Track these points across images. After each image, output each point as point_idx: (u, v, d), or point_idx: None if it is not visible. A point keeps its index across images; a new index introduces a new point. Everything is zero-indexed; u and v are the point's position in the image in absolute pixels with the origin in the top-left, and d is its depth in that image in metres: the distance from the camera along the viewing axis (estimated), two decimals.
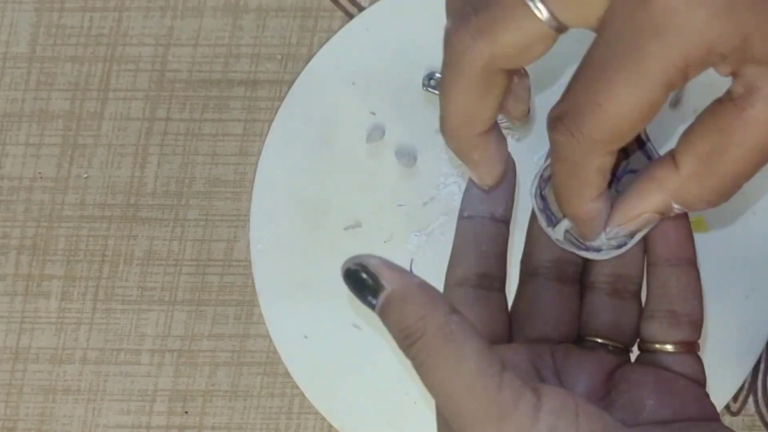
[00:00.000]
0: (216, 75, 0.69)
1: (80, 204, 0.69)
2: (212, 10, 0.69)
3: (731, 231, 0.66)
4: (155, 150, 0.69)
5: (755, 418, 0.66)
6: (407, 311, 0.45)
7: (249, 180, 0.68)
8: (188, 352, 0.68)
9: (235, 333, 0.68)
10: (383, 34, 0.67)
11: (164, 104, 0.69)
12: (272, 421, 0.68)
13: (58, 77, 0.70)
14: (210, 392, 0.68)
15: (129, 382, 0.68)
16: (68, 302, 0.69)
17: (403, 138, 0.67)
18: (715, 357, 0.65)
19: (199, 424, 0.68)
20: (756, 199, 0.66)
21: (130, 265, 0.69)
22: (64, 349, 0.68)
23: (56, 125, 0.69)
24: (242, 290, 0.68)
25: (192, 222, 0.69)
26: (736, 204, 0.66)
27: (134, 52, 0.69)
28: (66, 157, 0.69)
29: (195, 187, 0.69)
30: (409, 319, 0.45)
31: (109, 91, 0.69)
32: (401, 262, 0.66)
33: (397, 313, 0.45)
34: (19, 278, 0.69)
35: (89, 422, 0.68)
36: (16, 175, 0.69)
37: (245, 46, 0.69)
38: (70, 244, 0.69)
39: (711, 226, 0.66)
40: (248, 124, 0.69)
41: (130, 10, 0.70)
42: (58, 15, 0.70)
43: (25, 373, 0.69)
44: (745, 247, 0.66)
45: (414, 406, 0.66)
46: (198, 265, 0.69)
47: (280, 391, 0.68)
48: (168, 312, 0.68)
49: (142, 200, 0.69)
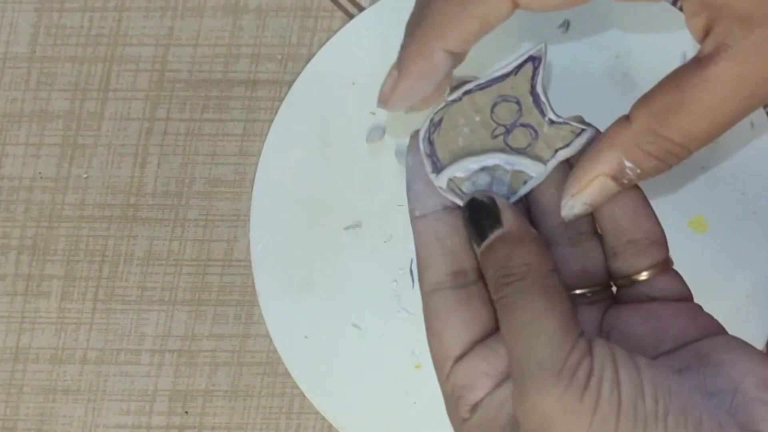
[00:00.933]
0: (216, 75, 0.69)
1: (80, 204, 0.69)
2: (212, 10, 0.69)
3: (731, 231, 0.66)
4: (155, 150, 0.69)
5: None
6: (516, 253, 0.47)
7: (249, 180, 0.68)
8: (188, 352, 0.68)
9: (235, 333, 0.68)
10: (383, 34, 0.67)
11: (164, 104, 0.69)
12: (272, 421, 0.68)
13: (58, 77, 0.69)
14: (210, 392, 0.68)
15: (129, 382, 0.68)
16: (68, 302, 0.69)
17: (403, 138, 0.67)
18: None
19: (199, 424, 0.68)
20: (756, 199, 0.66)
21: (130, 265, 0.69)
22: (64, 349, 0.68)
23: (56, 125, 0.69)
24: (242, 290, 0.68)
25: (192, 222, 0.69)
26: (736, 204, 0.66)
27: (134, 52, 0.69)
28: (66, 157, 0.69)
29: (195, 187, 0.69)
30: (515, 260, 0.46)
31: (109, 91, 0.69)
32: (401, 262, 0.67)
33: (505, 252, 0.47)
34: (19, 278, 0.69)
35: (89, 422, 0.68)
36: (16, 175, 0.69)
37: (245, 46, 0.69)
38: (70, 244, 0.69)
39: (711, 226, 0.66)
40: (248, 124, 0.69)
41: (130, 10, 0.70)
42: (58, 15, 0.70)
43: (25, 373, 0.69)
44: (745, 247, 0.66)
45: (414, 406, 0.66)
46: (198, 265, 0.69)
47: (280, 391, 0.68)
48: (168, 312, 0.68)
49: (142, 200, 0.69)
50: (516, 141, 0.51)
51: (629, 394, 0.45)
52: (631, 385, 0.45)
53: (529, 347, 0.46)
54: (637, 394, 0.45)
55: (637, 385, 0.45)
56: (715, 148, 0.66)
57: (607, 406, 0.45)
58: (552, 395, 0.45)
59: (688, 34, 0.63)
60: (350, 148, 0.67)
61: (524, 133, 0.51)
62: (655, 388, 0.46)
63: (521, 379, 0.46)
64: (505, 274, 0.47)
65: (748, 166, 0.66)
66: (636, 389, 0.45)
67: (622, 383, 0.45)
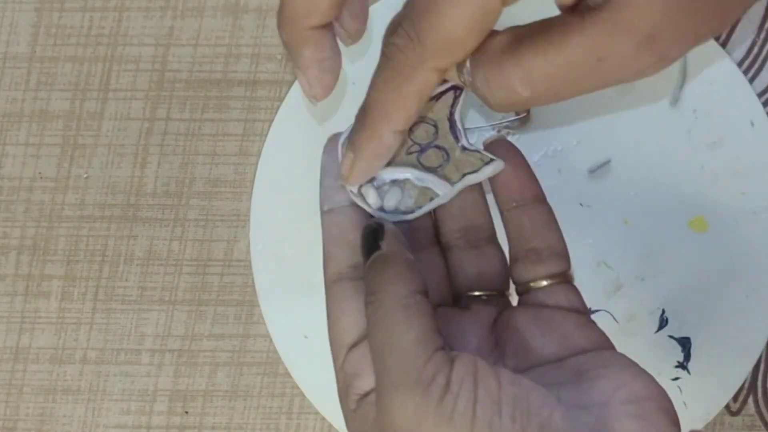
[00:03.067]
0: (216, 75, 0.69)
1: (80, 204, 0.69)
2: (212, 10, 0.69)
3: (731, 231, 0.66)
4: (155, 150, 0.69)
5: (755, 418, 0.66)
6: (384, 274, 0.49)
7: (249, 180, 0.68)
8: (188, 352, 0.68)
9: (235, 333, 0.68)
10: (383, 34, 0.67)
11: (164, 104, 0.69)
12: (272, 421, 0.68)
13: (58, 77, 0.70)
14: (210, 392, 0.68)
15: (129, 382, 0.68)
16: (68, 302, 0.69)
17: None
18: (715, 357, 0.65)
19: (199, 424, 0.68)
20: (756, 199, 0.66)
21: (130, 265, 0.69)
22: (64, 349, 0.69)
23: (56, 125, 0.69)
24: (242, 290, 0.68)
25: (192, 222, 0.69)
26: (736, 204, 0.66)
27: (134, 52, 0.69)
28: (66, 157, 0.69)
29: (195, 187, 0.69)
30: (381, 282, 0.48)
31: (109, 91, 0.69)
32: None
33: (376, 273, 0.49)
34: (19, 278, 0.69)
35: (89, 422, 0.68)
36: (16, 175, 0.69)
37: (245, 46, 0.69)
38: (70, 244, 0.69)
39: (711, 226, 0.66)
40: (248, 124, 0.69)
41: (130, 10, 0.70)
42: (58, 15, 0.70)
43: (25, 373, 0.69)
44: (745, 247, 0.66)
45: None
46: (198, 265, 0.69)
47: (280, 391, 0.68)
48: (168, 312, 0.68)
49: (142, 200, 0.69)
50: (428, 160, 0.54)
51: (485, 411, 0.46)
52: (488, 402, 0.46)
53: (386, 360, 0.47)
54: (494, 410, 0.46)
55: (495, 402, 0.46)
56: (715, 147, 0.66)
57: (460, 421, 0.46)
58: (407, 406, 0.46)
59: None
60: None
61: (437, 155, 0.54)
62: (514, 407, 0.46)
63: (380, 391, 0.47)
64: (371, 292, 0.49)
65: (748, 166, 0.66)
66: (493, 406, 0.46)
67: (479, 400, 0.46)
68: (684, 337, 0.66)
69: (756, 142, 0.66)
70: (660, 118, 0.67)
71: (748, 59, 0.68)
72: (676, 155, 0.66)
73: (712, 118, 0.66)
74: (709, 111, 0.66)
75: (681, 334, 0.66)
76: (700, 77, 0.67)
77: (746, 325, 0.65)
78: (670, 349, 0.65)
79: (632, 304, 0.66)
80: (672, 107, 0.67)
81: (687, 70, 0.67)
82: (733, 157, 0.66)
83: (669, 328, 0.66)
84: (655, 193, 0.66)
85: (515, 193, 0.54)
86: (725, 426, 0.66)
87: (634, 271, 0.66)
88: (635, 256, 0.66)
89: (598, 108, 0.67)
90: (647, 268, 0.66)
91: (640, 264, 0.66)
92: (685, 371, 0.65)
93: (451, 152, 0.54)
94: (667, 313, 0.66)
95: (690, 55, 0.66)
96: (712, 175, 0.66)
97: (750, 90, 0.66)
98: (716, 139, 0.66)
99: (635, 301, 0.66)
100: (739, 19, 0.68)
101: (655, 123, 0.67)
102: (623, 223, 0.66)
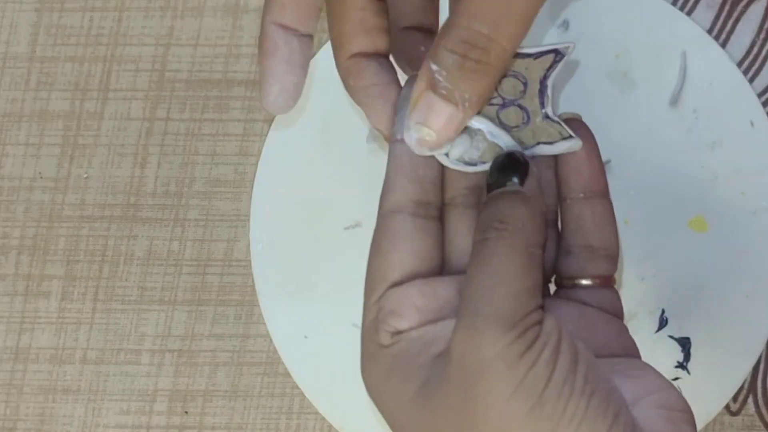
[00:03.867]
0: (216, 75, 0.69)
1: (80, 204, 0.69)
2: (212, 10, 0.69)
3: (731, 231, 0.66)
4: (155, 150, 0.69)
5: (755, 418, 0.66)
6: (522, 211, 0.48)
7: (249, 180, 0.68)
8: (188, 352, 0.68)
9: (235, 333, 0.68)
10: None
11: (164, 104, 0.69)
12: (272, 421, 0.68)
13: (58, 77, 0.70)
14: (210, 392, 0.68)
15: (129, 382, 0.68)
16: (68, 302, 0.69)
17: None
18: (715, 357, 0.65)
19: (199, 424, 0.68)
20: (756, 199, 0.66)
21: (130, 265, 0.69)
22: (64, 349, 0.68)
23: (56, 125, 0.69)
24: (242, 290, 0.68)
25: (192, 222, 0.69)
26: (736, 204, 0.66)
27: (134, 52, 0.69)
28: (66, 157, 0.69)
29: (195, 187, 0.69)
30: (516, 217, 0.47)
31: (109, 91, 0.69)
32: None
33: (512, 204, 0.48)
34: (19, 278, 0.69)
35: (89, 422, 0.68)
36: (16, 175, 0.69)
37: (245, 46, 0.69)
38: (70, 244, 0.69)
39: (711, 226, 0.66)
40: (248, 124, 0.69)
41: (130, 10, 0.70)
42: (58, 15, 0.70)
43: (25, 373, 0.69)
44: (745, 247, 0.66)
45: None
46: (198, 265, 0.69)
47: (280, 391, 0.68)
48: (168, 312, 0.68)
49: (142, 200, 0.69)
50: (507, 118, 0.51)
51: (564, 365, 0.46)
52: (568, 358, 0.47)
53: (494, 292, 0.46)
54: (571, 367, 0.46)
55: (573, 360, 0.47)
56: (715, 147, 0.66)
57: (542, 369, 0.46)
58: (498, 343, 0.46)
59: (688, 34, 0.63)
60: (350, 148, 0.67)
61: (518, 114, 0.51)
62: (588, 370, 0.47)
63: (473, 317, 0.46)
64: (501, 220, 0.47)
65: (748, 166, 0.66)
66: (571, 363, 0.47)
67: (561, 353, 0.46)
68: (684, 337, 0.66)
69: (756, 142, 0.66)
70: (660, 118, 0.67)
71: (748, 59, 0.68)
72: (676, 155, 0.66)
73: (712, 118, 0.66)
74: (709, 111, 0.66)
75: (681, 334, 0.66)
76: (700, 77, 0.67)
77: (746, 325, 0.65)
78: (670, 349, 0.65)
79: (632, 304, 0.66)
80: (672, 107, 0.67)
81: (687, 70, 0.67)
82: (733, 157, 0.66)
83: (669, 328, 0.66)
84: (655, 193, 0.66)
85: (584, 182, 0.52)
86: (725, 426, 0.66)
87: (634, 271, 0.66)
88: (635, 256, 0.66)
89: (598, 108, 0.67)
90: (647, 268, 0.66)
91: (640, 264, 0.66)
92: (685, 371, 0.65)
93: (533, 116, 0.51)
94: (667, 313, 0.66)
95: (690, 55, 0.67)
96: (712, 175, 0.66)
97: (750, 90, 0.66)
98: (716, 139, 0.66)
99: (635, 301, 0.66)
100: (739, 19, 0.68)
101: (655, 123, 0.67)
102: (623, 223, 0.66)
